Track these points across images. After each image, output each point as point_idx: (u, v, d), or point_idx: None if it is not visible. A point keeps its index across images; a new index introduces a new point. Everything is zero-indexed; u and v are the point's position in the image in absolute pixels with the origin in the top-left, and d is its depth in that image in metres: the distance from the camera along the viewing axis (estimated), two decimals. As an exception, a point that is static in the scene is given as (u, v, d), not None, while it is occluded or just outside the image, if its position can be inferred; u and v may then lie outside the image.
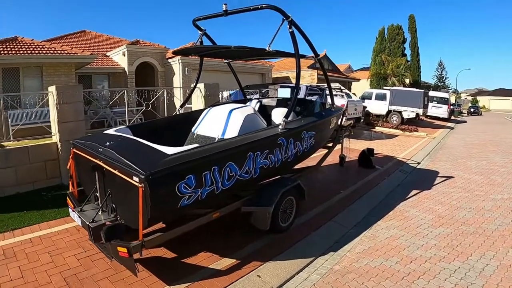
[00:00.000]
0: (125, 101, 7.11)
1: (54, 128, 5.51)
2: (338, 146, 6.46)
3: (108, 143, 3.08)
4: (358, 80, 28.16)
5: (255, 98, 5.98)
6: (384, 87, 18.54)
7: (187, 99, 5.37)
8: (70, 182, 3.56)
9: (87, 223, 2.90)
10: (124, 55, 15.33)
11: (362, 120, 12.91)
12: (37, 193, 4.96)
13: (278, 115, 4.74)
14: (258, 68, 18.39)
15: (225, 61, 5.81)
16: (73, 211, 3.20)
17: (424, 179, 6.71)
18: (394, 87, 17.68)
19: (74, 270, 2.97)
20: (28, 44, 10.34)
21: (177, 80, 15.38)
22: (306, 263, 3.30)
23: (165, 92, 7.76)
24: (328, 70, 26.05)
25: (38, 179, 5.19)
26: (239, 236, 3.68)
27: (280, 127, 3.65)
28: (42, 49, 10.32)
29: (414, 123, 15.55)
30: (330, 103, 5.31)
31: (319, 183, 5.99)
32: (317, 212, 4.50)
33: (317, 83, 20.64)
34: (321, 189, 5.52)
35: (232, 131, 3.75)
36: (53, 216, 4.13)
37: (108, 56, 16.27)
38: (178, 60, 15.07)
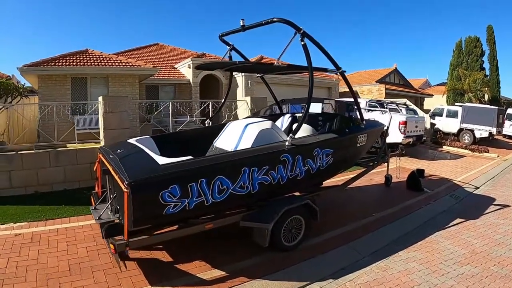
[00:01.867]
0: (174, 111, 7.85)
1: (102, 134, 6.38)
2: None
3: (119, 150, 3.51)
4: (431, 95, 26.73)
5: (290, 113, 6.03)
6: (456, 103, 16.96)
7: (217, 112, 5.72)
8: (96, 183, 4.12)
9: (95, 219, 3.35)
10: (190, 68, 16.74)
11: (424, 138, 11.96)
12: (80, 191, 5.77)
13: (300, 131, 4.73)
14: (324, 82, 18.50)
15: (257, 75, 6.05)
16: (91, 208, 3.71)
17: (475, 206, 5.94)
18: (466, 104, 16.02)
19: (80, 260, 3.41)
20: (97, 56, 12.13)
21: (241, 93, 16.21)
22: (297, 287, 3.20)
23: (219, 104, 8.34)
24: (398, 85, 25.18)
25: (83, 178, 6.03)
26: (242, 248, 3.73)
27: (286, 143, 3.64)
28: (109, 61, 12.00)
29: (488, 143, 13.78)
30: (360, 119, 4.99)
31: (354, 203, 5.75)
32: (337, 233, 4.34)
33: (384, 97, 19.77)
34: (352, 209, 5.32)
35: (245, 145, 3.84)
36: (84, 212, 4.74)
37: (176, 68, 17.86)
38: (242, 73, 15.91)
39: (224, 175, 3.12)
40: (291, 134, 3.68)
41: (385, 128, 6.43)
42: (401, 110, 11.76)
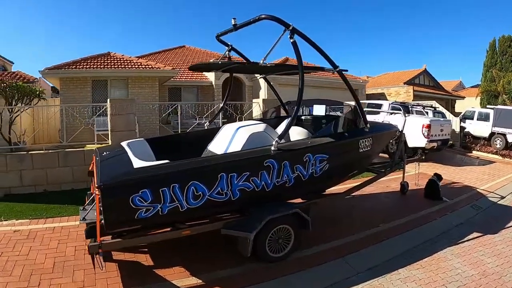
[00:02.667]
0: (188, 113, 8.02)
1: (109, 136, 6.66)
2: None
3: (105, 153, 3.65)
4: (463, 98, 25.82)
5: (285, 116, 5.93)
6: (488, 106, 16.08)
7: (216, 115, 5.76)
8: (91, 184, 4.30)
9: (80, 219, 3.49)
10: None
11: (450, 143, 11.33)
12: (86, 191, 6.04)
13: (294, 135, 4.62)
14: (351, 84, 18.13)
15: (258, 76, 6.03)
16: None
17: (497, 219, 5.45)
18: (499, 106, 15.10)
19: (66, 258, 3.56)
20: (118, 58, 12.72)
21: (263, 95, 16.31)
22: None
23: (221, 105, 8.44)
24: (428, 86, 24.48)
25: (90, 179, 6.32)
26: (228, 256, 3.67)
27: (272, 148, 3.52)
28: (130, 63, 12.54)
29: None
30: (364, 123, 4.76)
31: (363, 211, 5.50)
32: (334, 245, 4.14)
33: (413, 99, 19.13)
34: (359, 218, 5.10)
35: (235, 149, 3.81)
36: (84, 211, 5.00)
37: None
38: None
39: (199, 180, 3.09)
40: (276, 139, 3.54)
41: (399, 131, 6.12)
42: (427, 113, 11.20)
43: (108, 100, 6.64)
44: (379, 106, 11.30)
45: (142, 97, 13.00)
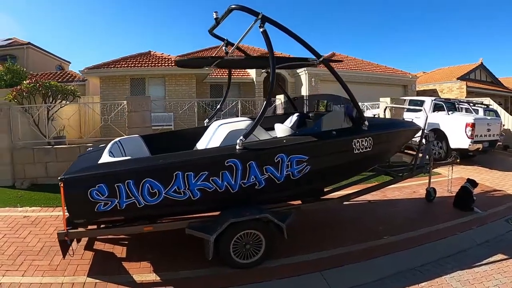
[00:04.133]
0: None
1: (126, 132, 7.37)
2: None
3: (89, 149, 4.16)
4: None
5: (298, 112, 5.90)
6: None
7: (216, 112, 5.93)
8: None
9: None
10: None
11: (499, 144, 10.30)
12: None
13: (280, 133, 4.58)
14: (398, 79, 17.45)
15: (262, 70, 6.09)
16: None
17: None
18: None
19: (54, 243, 3.95)
20: (158, 57, 13.80)
21: (304, 91, 16.40)
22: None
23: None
24: (485, 82, 22.80)
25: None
26: (201, 257, 3.68)
27: (237, 147, 3.54)
28: (168, 61, 13.52)
29: None
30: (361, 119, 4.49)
31: (372, 219, 5.23)
32: (316, 257, 3.99)
33: (466, 96, 17.52)
34: (363, 227, 4.86)
35: (214, 146, 3.93)
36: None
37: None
38: (305, 71, 16.10)
39: (153, 178, 3.30)
40: (241, 137, 3.56)
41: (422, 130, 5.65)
42: (476, 110, 10.23)
43: (126, 97, 7.34)
44: (421, 103, 10.54)
45: (179, 94, 13.97)
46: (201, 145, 4.51)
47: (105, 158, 3.58)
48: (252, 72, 17.49)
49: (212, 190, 3.46)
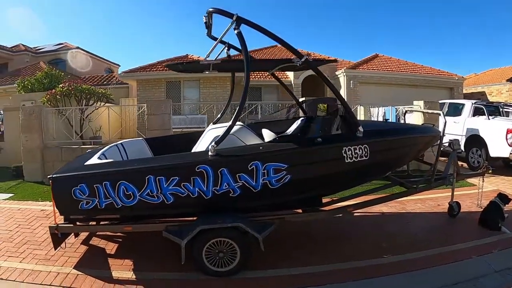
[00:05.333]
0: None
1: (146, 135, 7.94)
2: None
3: (88, 151, 4.63)
4: None
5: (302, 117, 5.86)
6: None
7: (222, 115, 6.14)
8: None
9: None
10: None
11: None
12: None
13: (266, 137, 4.61)
14: (443, 81, 16.43)
15: (269, 72, 5.95)
16: None
17: None
18: None
19: None
20: (194, 61, 14.52)
21: (343, 94, 16.22)
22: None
23: None
24: None
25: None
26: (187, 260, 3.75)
27: (209, 153, 3.62)
28: (203, 66, 14.18)
29: None
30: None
31: (379, 234, 4.95)
32: (301, 272, 3.87)
33: None
34: (363, 243, 4.62)
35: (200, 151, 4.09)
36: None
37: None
38: (342, 73, 15.93)
39: (127, 180, 3.54)
40: (213, 143, 3.64)
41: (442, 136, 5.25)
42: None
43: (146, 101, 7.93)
44: (461, 106, 9.89)
45: (213, 96, 14.58)
46: (195, 148, 4.76)
47: (93, 160, 3.98)
48: (290, 75, 17.59)
49: (185, 196, 3.58)
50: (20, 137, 7.64)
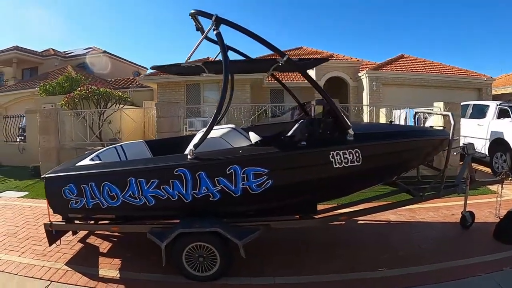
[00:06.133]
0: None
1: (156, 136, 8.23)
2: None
3: (86, 152, 4.89)
4: None
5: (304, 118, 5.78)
6: None
7: (222, 117, 6.15)
8: None
9: None
10: (312, 70, 17.74)
11: None
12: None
13: (253, 140, 4.62)
14: (472, 82, 15.70)
15: (267, 74, 5.80)
16: None
17: None
18: None
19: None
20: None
21: (365, 96, 15.96)
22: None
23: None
24: None
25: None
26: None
27: (188, 156, 3.67)
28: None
29: None
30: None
31: (381, 244, 4.74)
32: (284, 281, 3.77)
33: None
34: (360, 253, 4.43)
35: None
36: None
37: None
38: (365, 74, 15.68)
39: (111, 182, 3.70)
40: (191, 147, 3.69)
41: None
42: None
43: (156, 104, 8.21)
44: (486, 108, 9.40)
45: (233, 99, 14.73)
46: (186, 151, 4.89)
47: (84, 161, 4.22)
48: (313, 76, 17.50)
49: (165, 198, 3.65)
50: (38, 138, 8.17)
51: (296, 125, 4.13)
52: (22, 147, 10.27)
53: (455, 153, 7.19)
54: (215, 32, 3.68)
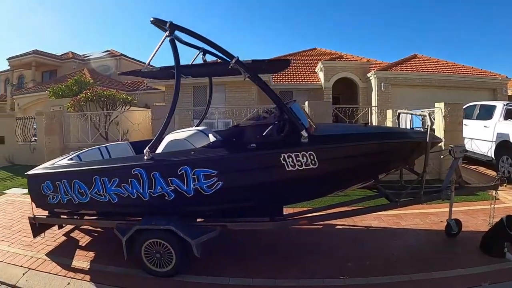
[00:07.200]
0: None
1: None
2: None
3: (71, 153, 5.38)
4: None
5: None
6: None
7: (202, 119, 6.25)
8: None
9: None
10: (321, 71, 17.88)
11: None
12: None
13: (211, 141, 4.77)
14: (486, 82, 15.28)
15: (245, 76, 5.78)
16: None
17: None
18: None
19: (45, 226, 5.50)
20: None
21: (373, 97, 15.95)
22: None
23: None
24: None
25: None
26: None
27: (145, 157, 3.98)
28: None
29: None
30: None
31: (347, 252, 4.59)
32: (238, 283, 3.84)
33: None
34: (326, 259, 4.33)
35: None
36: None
37: (316, 73, 19.36)
38: (373, 74, 15.67)
39: (80, 180, 4.14)
40: (147, 148, 3.96)
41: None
42: None
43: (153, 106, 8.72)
44: (492, 108, 9.09)
45: (239, 100, 15.20)
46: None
47: (63, 161, 4.72)
48: (321, 78, 17.61)
49: (126, 196, 4.01)
50: (44, 139, 8.87)
51: (248, 128, 4.35)
52: (33, 147, 11.17)
53: (441, 156, 7.17)
54: (168, 38, 3.90)
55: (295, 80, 18.47)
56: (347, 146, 4.10)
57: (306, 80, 18.44)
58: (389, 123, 10.63)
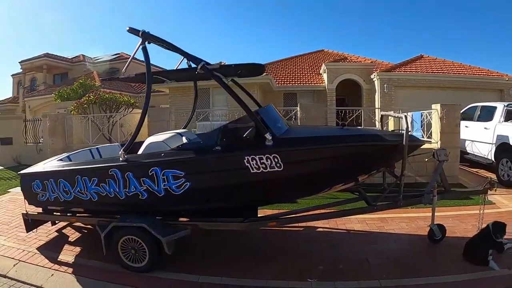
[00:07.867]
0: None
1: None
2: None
3: (64, 154, 5.80)
4: None
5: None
6: None
7: (189, 121, 6.59)
8: None
9: None
10: (325, 72, 18.05)
11: None
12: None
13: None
14: (492, 82, 15.08)
15: (228, 79, 5.62)
16: None
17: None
18: None
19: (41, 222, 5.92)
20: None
21: (376, 98, 16.04)
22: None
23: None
24: None
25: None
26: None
27: (120, 158, 4.27)
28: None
29: None
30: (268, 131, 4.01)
31: (323, 255, 4.59)
32: (206, 281, 3.99)
33: None
34: (299, 263, 4.36)
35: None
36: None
37: (321, 74, 19.55)
38: (376, 75, 15.75)
39: (64, 179, 4.54)
40: (122, 150, 4.33)
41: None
42: None
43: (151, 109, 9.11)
44: (493, 109, 8.96)
45: (240, 102, 15.47)
46: None
47: (52, 161, 5.14)
48: (325, 79, 17.75)
49: (104, 195, 4.38)
50: (48, 140, 9.40)
51: (213, 130, 4.58)
52: (39, 148, 11.78)
53: (426, 159, 7.21)
54: (141, 46, 4.23)
55: (299, 82, 18.68)
56: (312, 148, 4.08)
57: (310, 82, 18.62)
58: (391, 125, 10.70)
